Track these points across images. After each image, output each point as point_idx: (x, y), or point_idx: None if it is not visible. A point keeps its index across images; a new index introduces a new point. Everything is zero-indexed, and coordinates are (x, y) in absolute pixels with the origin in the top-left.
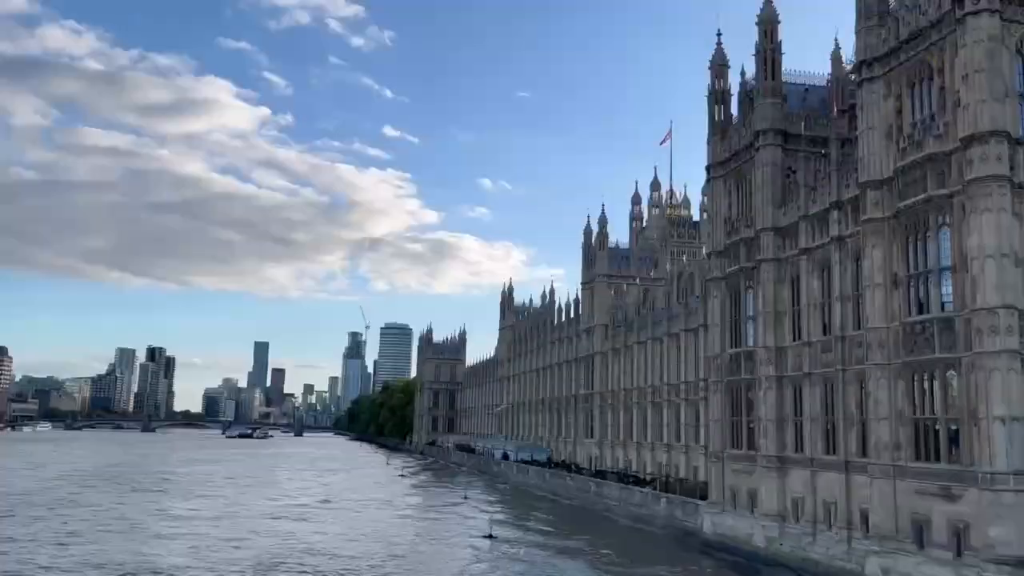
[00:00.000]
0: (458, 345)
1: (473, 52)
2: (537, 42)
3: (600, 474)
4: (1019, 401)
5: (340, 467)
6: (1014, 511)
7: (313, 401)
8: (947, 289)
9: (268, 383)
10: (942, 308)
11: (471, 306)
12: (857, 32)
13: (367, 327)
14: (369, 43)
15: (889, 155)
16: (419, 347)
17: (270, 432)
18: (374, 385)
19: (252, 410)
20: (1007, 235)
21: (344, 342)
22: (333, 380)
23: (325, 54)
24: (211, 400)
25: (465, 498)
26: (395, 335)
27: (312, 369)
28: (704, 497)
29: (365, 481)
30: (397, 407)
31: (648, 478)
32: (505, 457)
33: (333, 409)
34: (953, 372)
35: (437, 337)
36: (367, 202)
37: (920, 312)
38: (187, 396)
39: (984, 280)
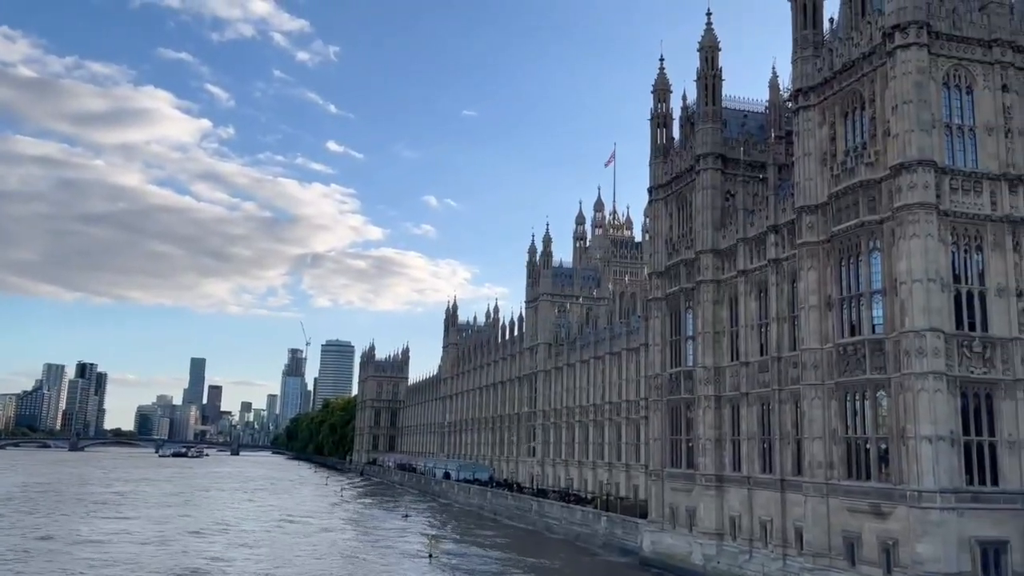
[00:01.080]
0: (401, 363)
1: (419, 70)
2: (484, 62)
3: (542, 493)
4: (945, 421)
5: (277, 487)
6: (941, 528)
7: (251, 419)
8: (878, 312)
9: (204, 400)
10: (873, 330)
11: (415, 324)
12: (793, 62)
13: (307, 344)
14: (314, 58)
15: (824, 181)
16: (361, 364)
17: (205, 451)
18: (314, 403)
19: (187, 428)
20: (934, 260)
21: (284, 359)
22: (272, 398)
23: (269, 67)
24: (144, 418)
25: (406, 517)
26: (336, 352)
27: (250, 386)
28: (644, 515)
29: (302, 501)
30: (337, 425)
31: (589, 497)
32: (447, 476)
33: (271, 427)
34: (883, 392)
35: (379, 354)
36: (310, 217)
37: (852, 334)
38: (119, 414)
39: (912, 304)
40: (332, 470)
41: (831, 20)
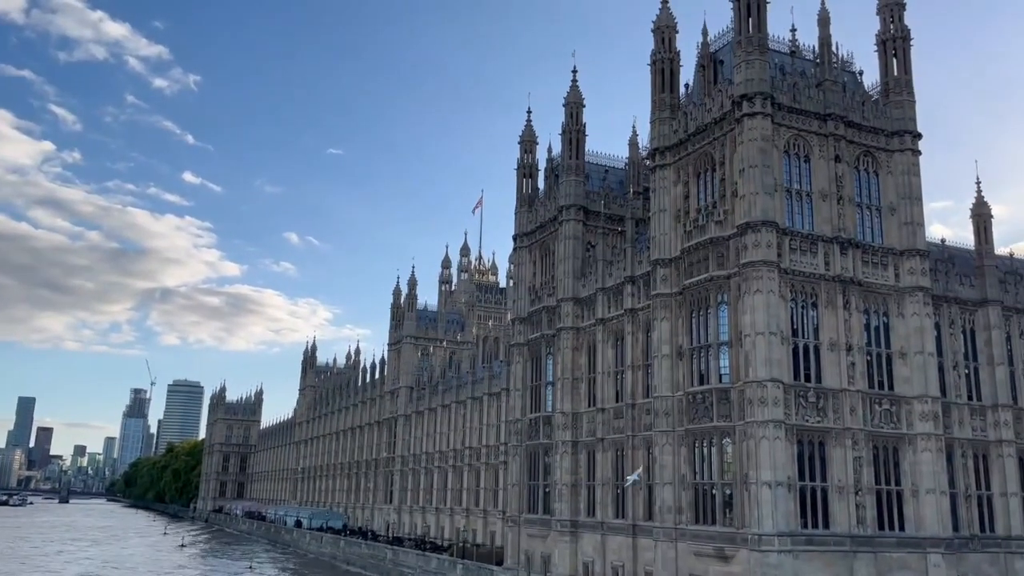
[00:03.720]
0: (253, 405)
1: (284, 104)
2: (352, 102)
3: (397, 541)
4: (783, 467)
5: (108, 537)
6: (779, 570)
7: (85, 464)
8: (725, 362)
9: (32, 443)
10: (720, 379)
11: (270, 364)
12: (652, 122)
13: (152, 383)
14: (173, 85)
15: (677, 236)
16: (211, 406)
17: (29, 499)
18: (157, 446)
19: (10, 474)
20: (775, 315)
21: (125, 399)
22: (110, 441)
23: (122, 92)
24: None
25: (250, 568)
26: (184, 393)
27: (86, 428)
28: (500, 562)
29: (137, 553)
30: (182, 470)
31: (446, 544)
32: (298, 524)
33: (108, 473)
34: (728, 439)
35: (231, 396)
36: (161, 250)
37: (701, 383)
38: None
39: (755, 355)
40: (174, 518)
41: (687, 85)
